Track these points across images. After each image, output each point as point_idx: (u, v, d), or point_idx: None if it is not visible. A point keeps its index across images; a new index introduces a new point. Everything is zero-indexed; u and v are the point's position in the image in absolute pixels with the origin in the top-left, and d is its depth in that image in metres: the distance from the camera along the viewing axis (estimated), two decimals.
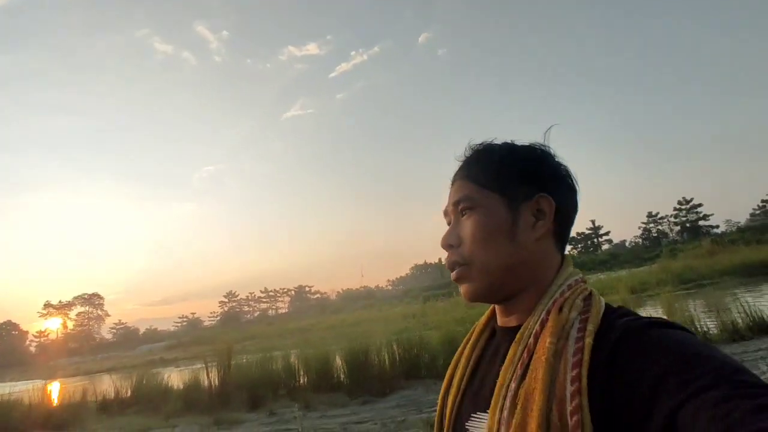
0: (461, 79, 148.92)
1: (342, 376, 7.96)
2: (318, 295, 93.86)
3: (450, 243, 0.64)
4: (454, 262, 0.63)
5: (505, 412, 0.52)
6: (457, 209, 0.64)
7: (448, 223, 0.67)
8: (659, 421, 0.42)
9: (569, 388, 0.48)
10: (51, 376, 21.24)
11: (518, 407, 0.51)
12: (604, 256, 42.14)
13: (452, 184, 0.68)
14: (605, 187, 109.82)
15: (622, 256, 40.37)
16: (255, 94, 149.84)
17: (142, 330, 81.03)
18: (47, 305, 76.70)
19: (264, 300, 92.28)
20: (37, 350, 71.66)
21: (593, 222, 58.87)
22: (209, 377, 8.24)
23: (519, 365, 0.54)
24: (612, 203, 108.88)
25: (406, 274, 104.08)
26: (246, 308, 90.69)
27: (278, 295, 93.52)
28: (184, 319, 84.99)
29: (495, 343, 0.65)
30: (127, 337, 73.87)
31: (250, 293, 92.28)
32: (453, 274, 0.64)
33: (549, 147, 0.65)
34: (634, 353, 0.47)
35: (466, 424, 0.61)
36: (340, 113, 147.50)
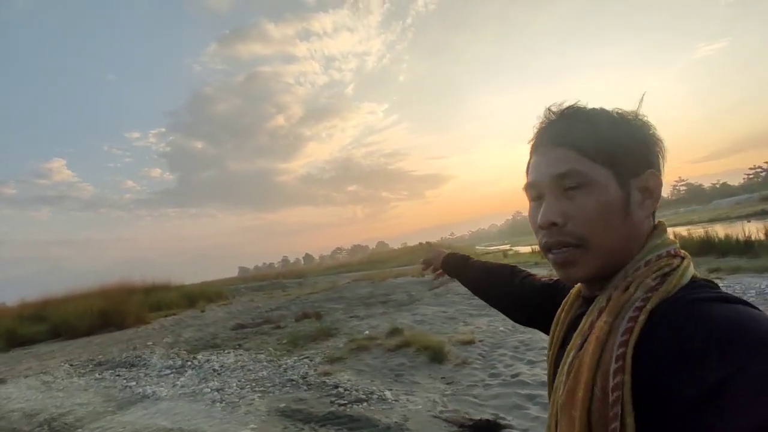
0: None
1: None
2: None
3: (554, 221, 0.59)
4: (560, 243, 0.59)
5: (563, 377, 0.56)
6: (560, 183, 0.59)
7: (534, 198, 0.64)
8: (682, 398, 0.43)
9: (613, 366, 0.49)
10: None
11: (572, 375, 0.54)
12: None
13: (544, 150, 0.62)
14: None
15: None
16: None
17: (706, 186, 74.40)
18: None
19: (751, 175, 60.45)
20: None
21: None
22: None
23: (581, 336, 0.56)
24: None
25: None
26: None
27: None
28: (759, 169, 70.46)
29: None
30: (693, 193, 70.83)
31: None
32: (558, 257, 0.60)
33: (646, 116, 0.61)
34: (667, 329, 0.47)
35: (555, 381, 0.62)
36: None
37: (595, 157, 0.57)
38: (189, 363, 6.38)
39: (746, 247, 9.20)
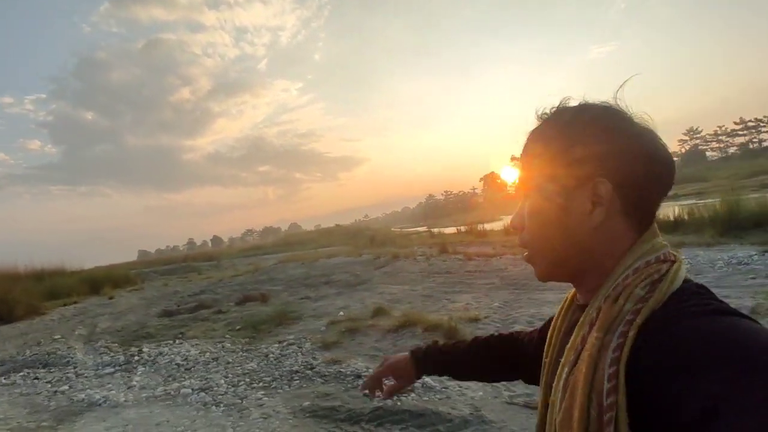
0: None
1: None
2: None
3: (515, 224, 0.64)
4: (521, 243, 0.63)
5: (559, 394, 0.54)
6: (521, 193, 0.63)
7: (521, 197, 0.66)
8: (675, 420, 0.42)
9: (606, 385, 0.47)
10: None
11: (567, 394, 0.52)
12: None
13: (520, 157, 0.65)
14: None
15: None
16: None
17: None
18: (513, 158, 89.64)
19: (740, 132, 72.88)
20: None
21: None
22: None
23: (574, 352, 0.54)
24: None
25: None
26: (714, 145, 75.40)
27: (761, 124, 71.13)
28: None
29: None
30: None
31: (718, 127, 75.29)
32: (524, 256, 0.64)
33: (618, 106, 0.57)
34: (659, 346, 0.45)
35: (553, 385, 0.59)
36: None
37: (539, 167, 0.59)
38: (136, 358, 5.21)
39: (675, 225, 10.00)
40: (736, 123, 74.06)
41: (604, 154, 0.55)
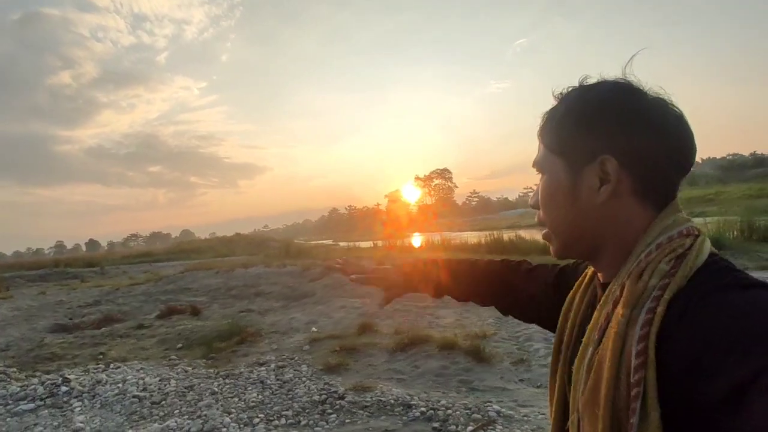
0: None
1: None
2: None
3: (531, 204, 0.65)
4: (538, 222, 0.63)
5: (583, 375, 0.53)
6: (538, 173, 0.63)
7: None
8: (699, 400, 0.41)
9: (634, 362, 0.46)
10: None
11: (592, 372, 0.51)
12: None
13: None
14: None
15: None
16: None
17: (493, 199, 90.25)
18: (417, 178, 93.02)
19: None
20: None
21: None
22: None
23: (597, 330, 0.54)
24: None
25: None
26: None
27: None
28: (530, 190, 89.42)
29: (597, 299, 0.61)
30: (482, 204, 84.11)
31: None
32: (542, 235, 0.64)
33: (629, 82, 0.56)
34: (690, 322, 0.45)
35: (572, 367, 0.58)
36: None
37: (551, 147, 0.60)
38: (63, 389, 3.89)
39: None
40: None
41: (611, 131, 0.54)
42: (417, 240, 20.29)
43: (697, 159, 0.58)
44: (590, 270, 0.66)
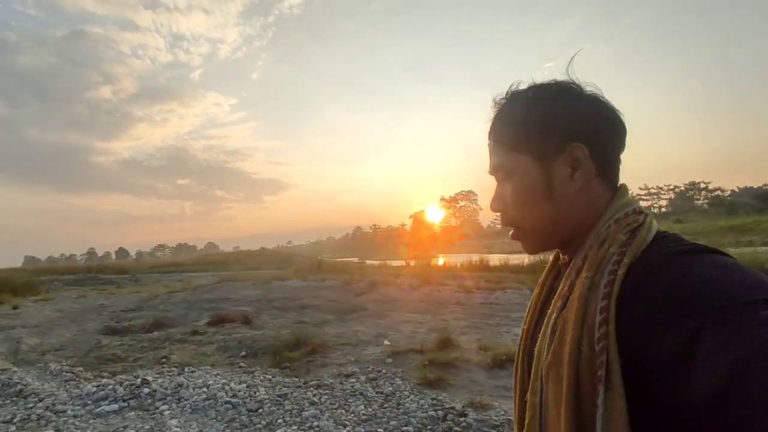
0: None
1: None
2: (717, 192, 73.46)
3: (497, 208, 0.64)
4: (506, 224, 0.64)
5: (547, 339, 0.54)
6: (496, 175, 0.64)
7: (498, 180, 0.65)
8: (658, 356, 0.43)
9: (598, 318, 0.49)
10: None
11: (556, 335, 0.52)
12: None
13: (488, 142, 0.66)
14: None
15: None
16: None
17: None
18: (442, 199, 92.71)
19: (644, 198, 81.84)
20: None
21: None
22: None
23: (561, 299, 0.55)
24: None
25: None
26: None
27: (662, 192, 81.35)
28: None
29: (560, 278, 0.65)
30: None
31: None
32: (511, 235, 0.65)
33: (573, 80, 0.60)
34: (647, 283, 0.47)
35: (534, 349, 0.59)
36: None
37: (513, 147, 0.60)
38: (145, 390, 3.63)
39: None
40: (641, 188, 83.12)
41: (574, 121, 0.57)
42: (456, 258, 20.00)
43: (734, 188, 0.40)
44: (553, 257, 0.68)
